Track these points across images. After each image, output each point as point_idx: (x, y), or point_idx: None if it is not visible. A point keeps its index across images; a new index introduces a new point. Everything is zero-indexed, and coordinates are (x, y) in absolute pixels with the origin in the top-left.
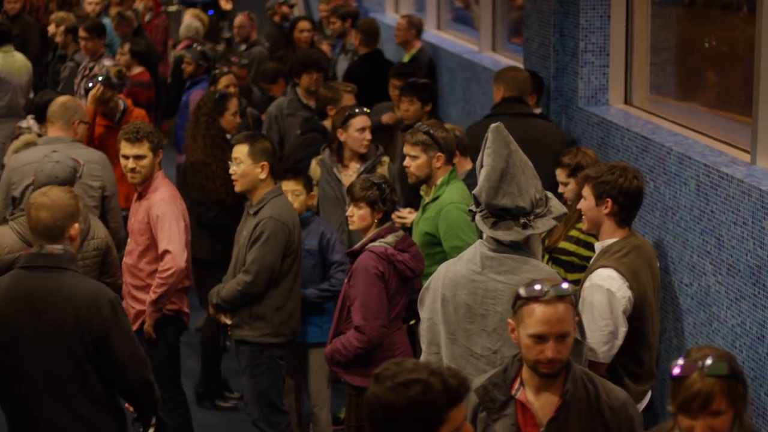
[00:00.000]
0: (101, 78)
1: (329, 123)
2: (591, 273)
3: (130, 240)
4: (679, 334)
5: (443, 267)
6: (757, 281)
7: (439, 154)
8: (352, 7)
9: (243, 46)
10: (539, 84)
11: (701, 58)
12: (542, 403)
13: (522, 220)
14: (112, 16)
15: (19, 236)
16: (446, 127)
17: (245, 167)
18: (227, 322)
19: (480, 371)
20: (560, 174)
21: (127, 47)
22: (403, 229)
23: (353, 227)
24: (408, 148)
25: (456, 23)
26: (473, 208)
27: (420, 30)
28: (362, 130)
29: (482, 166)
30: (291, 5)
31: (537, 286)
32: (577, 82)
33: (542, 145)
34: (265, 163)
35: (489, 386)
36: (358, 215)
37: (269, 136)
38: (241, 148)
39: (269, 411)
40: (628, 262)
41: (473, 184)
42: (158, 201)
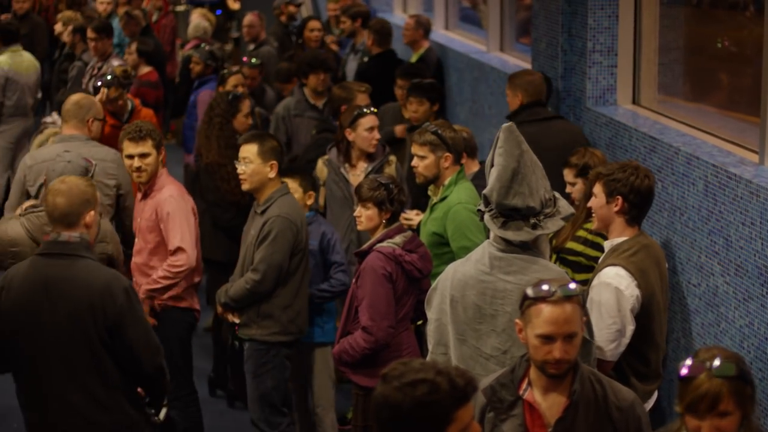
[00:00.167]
0: (109, 77)
1: None
2: (600, 271)
3: (138, 239)
4: (687, 335)
5: (451, 267)
6: (765, 282)
7: (447, 154)
8: (363, 7)
9: (252, 46)
10: (548, 85)
11: (709, 59)
12: (550, 404)
13: (532, 221)
14: (120, 16)
15: (27, 232)
16: (454, 128)
17: (255, 166)
18: (235, 321)
19: (489, 372)
20: (567, 174)
21: (135, 47)
22: (411, 230)
23: (361, 227)
24: (416, 148)
25: (464, 23)
26: (482, 208)
27: (428, 30)
28: (371, 130)
29: (492, 166)
30: (297, 4)
31: (545, 287)
32: (585, 83)
33: (569, 146)
34: (275, 162)
35: (497, 386)
36: (366, 215)
37: (276, 136)
38: (250, 148)
39: (269, 411)
40: (637, 261)
41: (481, 186)
42: (167, 198)
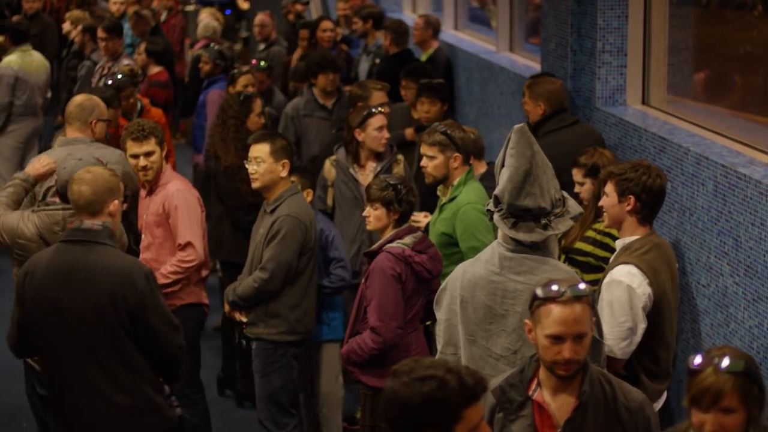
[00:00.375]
0: (120, 76)
1: None
2: (612, 269)
3: (146, 235)
4: (696, 335)
5: (461, 268)
6: None
7: (456, 155)
8: (375, 8)
9: (262, 45)
10: None
11: (719, 59)
12: (559, 404)
13: (543, 221)
14: (129, 16)
15: (37, 229)
16: (463, 128)
17: (267, 166)
18: (242, 320)
19: (499, 372)
20: (576, 174)
21: (144, 47)
22: (421, 231)
23: (370, 227)
24: (425, 149)
25: (473, 23)
26: (491, 208)
27: (437, 30)
28: (380, 129)
29: (503, 166)
30: (304, 3)
31: (554, 287)
32: (595, 83)
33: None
34: (287, 161)
35: (506, 387)
36: (374, 216)
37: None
38: (262, 147)
39: (277, 411)
40: (649, 260)
41: (489, 187)
42: (174, 192)
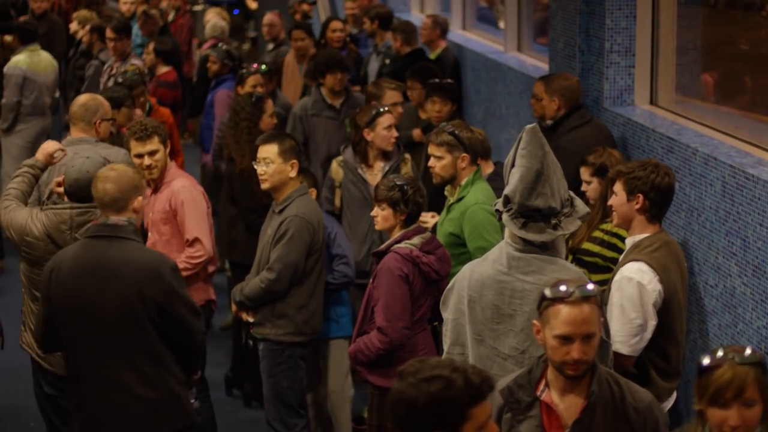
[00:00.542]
0: (130, 74)
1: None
2: (622, 267)
3: (152, 233)
4: (704, 336)
5: (468, 267)
6: None
7: (464, 155)
8: (384, 9)
9: (270, 45)
10: None
11: (727, 59)
12: (567, 405)
13: (553, 221)
14: (138, 15)
15: (44, 228)
16: (471, 128)
17: (276, 166)
18: (249, 320)
19: (507, 371)
20: (584, 172)
21: (152, 46)
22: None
23: (377, 227)
24: (433, 149)
25: (481, 23)
26: (500, 208)
27: (445, 30)
28: (389, 128)
29: (513, 166)
30: (311, 3)
31: (562, 287)
32: (603, 83)
33: (610, 144)
34: (295, 161)
35: (514, 387)
36: (382, 216)
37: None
38: (270, 148)
39: (285, 411)
40: (659, 257)
41: (496, 187)
42: (180, 188)
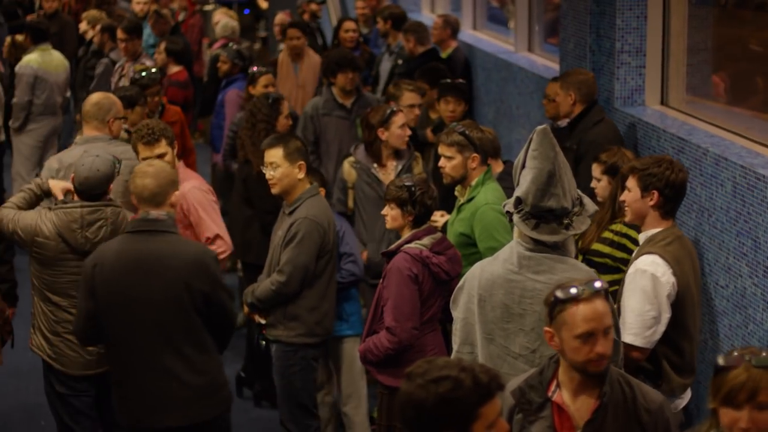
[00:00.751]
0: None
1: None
2: (636, 260)
3: None
4: (715, 336)
5: (478, 267)
6: None
7: (475, 155)
8: (397, 9)
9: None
10: None
11: (738, 59)
12: (579, 406)
13: (565, 221)
14: (149, 15)
15: (55, 227)
16: (481, 128)
17: (283, 170)
18: (261, 322)
19: (518, 371)
20: (595, 169)
21: (164, 46)
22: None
23: (387, 226)
24: (443, 149)
25: (492, 23)
26: (510, 209)
27: (456, 30)
28: (403, 127)
29: (523, 167)
30: (319, 2)
31: (572, 289)
32: (614, 83)
33: (621, 141)
34: (302, 163)
35: (525, 388)
36: (391, 215)
37: (299, 135)
38: (275, 152)
39: (299, 412)
40: (672, 251)
41: (506, 187)
42: (191, 189)
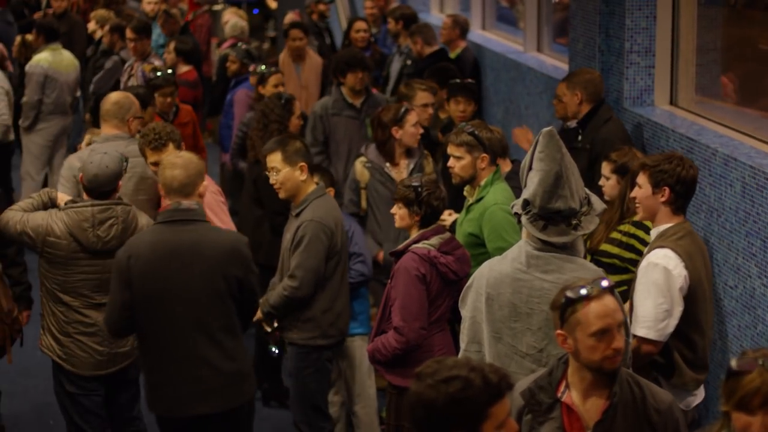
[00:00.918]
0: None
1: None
2: (648, 254)
3: None
4: (724, 337)
5: (486, 266)
6: None
7: (484, 155)
8: (408, 9)
9: None
10: None
11: (748, 60)
12: (588, 406)
13: (573, 222)
14: (158, 15)
15: (66, 227)
16: (490, 128)
17: (284, 173)
18: (268, 330)
19: (525, 370)
20: (605, 167)
21: (173, 46)
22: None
23: (396, 225)
24: (452, 149)
25: (501, 23)
26: (518, 210)
27: (465, 30)
28: (416, 125)
29: (530, 169)
30: (327, 2)
31: (582, 290)
32: (623, 83)
33: (630, 140)
34: (303, 164)
35: (535, 389)
36: (399, 215)
37: (301, 135)
38: (275, 157)
39: (313, 414)
40: (684, 245)
41: (515, 186)
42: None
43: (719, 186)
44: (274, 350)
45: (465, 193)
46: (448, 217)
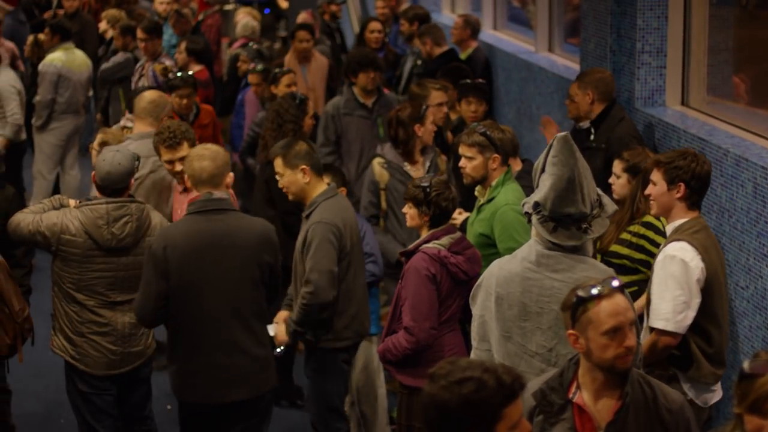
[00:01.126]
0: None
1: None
2: (664, 248)
3: None
4: (734, 337)
5: (496, 264)
6: None
7: (496, 155)
8: (421, 10)
9: None
10: None
11: (759, 60)
12: (600, 407)
13: (583, 225)
14: (170, 14)
15: (81, 225)
16: (501, 128)
17: (287, 177)
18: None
19: (535, 369)
20: (617, 165)
21: (184, 46)
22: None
23: (408, 224)
24: (464, 149)
25: (512, 23)
26: (529, 210)
27: (476, 30)
28: (432, 123)
29: (542, 171)
30: (339, 3)
31: (593, 290)
32: (634, 83)
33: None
34: (304, 166)
35: (546, 390)
36: (409, 214)
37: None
38: (277, 162)
39: (329, 415)
40: (700, 238)
41: (526, 186)
42: None
43: (731, 186)
44: (279, 351)
45: (476, 193)
46: (459, 216)
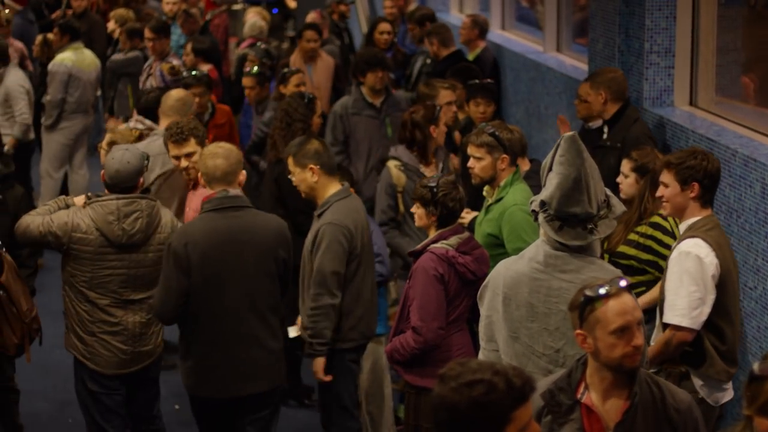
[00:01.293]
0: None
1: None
2: (678, 244)
3: None
4: (742, 338)
5: (503, 265)
6: None
7: (504, 156)
8: (429, 11)
9: None
10: None
11: None
12: (608, 407)
13: (589, 226)
14: (178, 14)
15: (92, 221)
16: (510, 128)
17: (297, 176)
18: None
19: (542, 369)
20: (625, 165)
21: (190, 46)
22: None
23: (416, 224)
24: (473, 150)
25: (521, 23)
26: (536, 208)
27: (484, 30)
28: (445, 123)
29: (550, 170)
30: (348, 3)
31: (601, 289)
32: (642, 84)
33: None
34: (313, 166)
35: (555, 390)
36: (417, 214)
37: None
38: (290, 160)
39: (340, 414)
40: (714, 236)
41: (534, 185)
42: None
43: (739, 187)
44: (292, 334)
45: (484, 194)
46: (466, 215)
